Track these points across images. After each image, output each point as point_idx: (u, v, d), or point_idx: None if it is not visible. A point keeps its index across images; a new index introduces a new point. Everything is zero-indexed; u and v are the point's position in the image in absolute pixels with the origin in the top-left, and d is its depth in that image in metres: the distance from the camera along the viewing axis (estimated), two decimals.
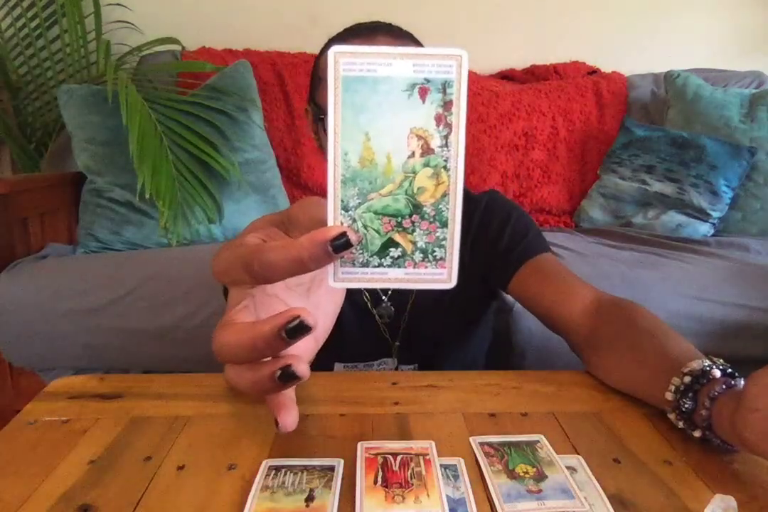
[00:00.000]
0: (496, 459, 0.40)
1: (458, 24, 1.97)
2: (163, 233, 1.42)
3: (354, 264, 0.27)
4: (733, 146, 1.65)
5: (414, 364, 0.77)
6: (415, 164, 0.27)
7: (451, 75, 0.26)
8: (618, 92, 1.90)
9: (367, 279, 0.28)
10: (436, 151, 0.27)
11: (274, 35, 1.89)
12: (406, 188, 0.27)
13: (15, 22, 1.73)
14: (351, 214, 0.27)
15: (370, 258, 0.27)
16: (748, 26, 2.05)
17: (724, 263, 1.34)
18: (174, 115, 1.47)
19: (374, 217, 0.27)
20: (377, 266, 0.28)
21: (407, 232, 0.27)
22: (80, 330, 1.22)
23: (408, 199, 0.27)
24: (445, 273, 0.28)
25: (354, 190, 0.27)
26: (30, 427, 0.45)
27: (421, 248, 0.27)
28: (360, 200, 0.27)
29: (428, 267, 0.28)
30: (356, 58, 0.26)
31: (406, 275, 0.28)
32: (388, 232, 0.27)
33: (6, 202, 1.31)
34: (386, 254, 0.27)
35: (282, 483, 0.37)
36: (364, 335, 0.74)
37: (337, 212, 0.27)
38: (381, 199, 0.27)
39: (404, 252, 0.27)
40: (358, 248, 0.27)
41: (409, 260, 0.28)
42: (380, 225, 0.27)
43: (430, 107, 0.26)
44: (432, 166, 0.27)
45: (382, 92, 0.26)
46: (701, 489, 0.38)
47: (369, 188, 0.27)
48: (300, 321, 0.25)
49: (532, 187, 1.83)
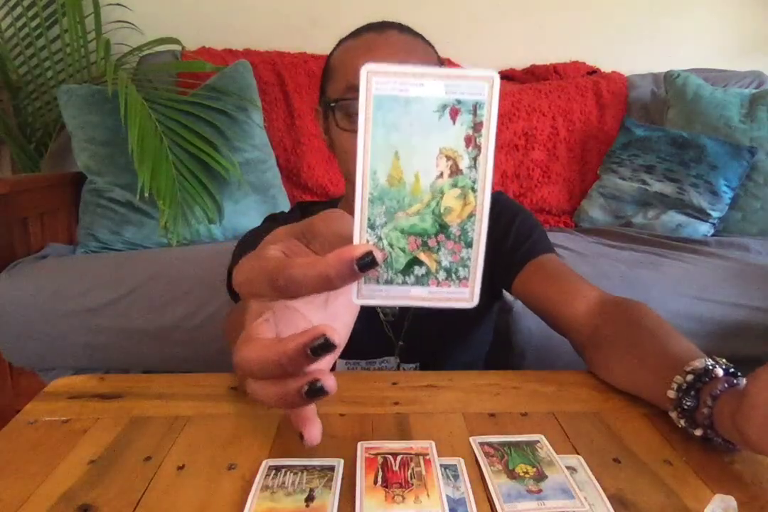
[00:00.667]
0: (496, 459, 0.40)
1: (458, 24, 1.96)
2: (163, 233, 1.42)
3: (378, 282, 0.28)
4: (733, 146, 1.65)
5: (416, 363, 0.77)
6: (443, 184, 0.27)
7: (482, 96, 0.26)
8: (618, 92, 1.90)
9: (391, 297, 0.28)
10: (465, 171, 0.27)
11: (274, 35, 1.89)
12: (433, 208, 0.27)
13: (15, 22, 1.73)
14: (377, 232, 0.27)
15: (395, 276, 0.28)
16: (748, 26, 2.05)
17: (724, 263, 1.34)
18: (174, 115, 1.47)
19: (400, 235, 0.27)
20: (401, 284, 0.28)
21: (432, 252, 0.27)
22: (80, 330, 1.22)
23: (435, 219, 0.27)
24: (468, 292, 0.28)
25: (381, 208, 0.27)
26: (30, 427, 0.45)
27: (445, 267, 0.28)
28: (387, 218, 0.27)
29: (451, 286, 0.28)
30: (389, 77, 0.26)
31: (429, 293, 0.28)
32: (414, 251, 0.27)
33: (6, 202, 1.31)
34: (410, 272, 0.28)
35: (282, 483, 0.37)
36: (368, 333, 0.74)
37: (364, 230, 0.27)
38: (408, 218, 0.27)
39: (428, 270, 0.28)
40: (383, 266, 0.27)
41: (432, 279, 0.28)
42: (406, 244, 0.27)
43: (461, 128, 0.26)
44: (460, 186, 0.27)
45: (413, 112, 0.26)
46: (701, 489, 0.38)
47: (396, 207, 0.27)
48: (325, 339, 0.26)
49: (532, 187, 1.83)
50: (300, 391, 0.27)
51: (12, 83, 1.74)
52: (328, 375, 0.27)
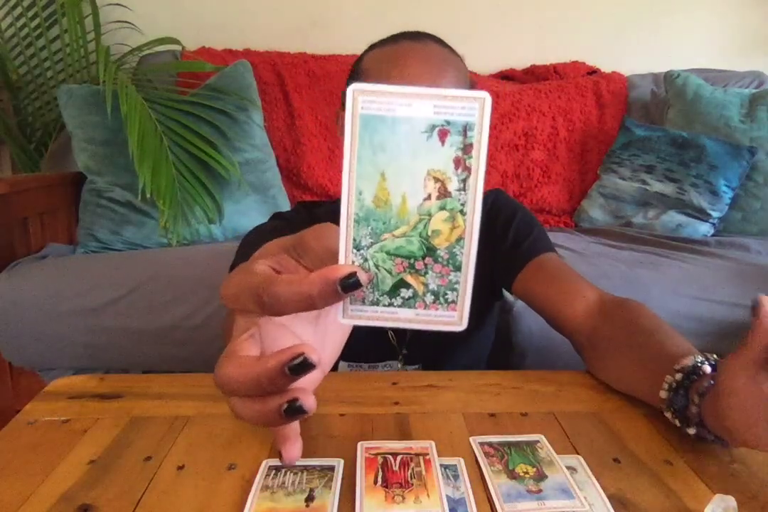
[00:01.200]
0: (496, 459, 0.40)
1: (458, 24, 1.96)
2: (163, 233, 1.42)
3: (364, 303, 0.27)
4: (733, 146, 1.65)
5: (417, 365, 0.77)
6: (431, 207, 0.26)
7: (472, 118, 0.25)
8: (618, 92, 1.90)
9: (377, 317, 0.28)
10: (453, 194, 0.26)
11: (274, 35, 1.89)
12: (420, 230, 0.27)
13: (15, 22, 1.73)
14: (363, 253, 0.27)
15: (381, 298, 0.27)
16: (748, 26, 2.05)
17: (724, 263, 1.34)
18: (174, 115, 1.47)
19: (387, 257, 0.27)
20: (387, 305, 0.27)
21: (419, 274, 0.27)
22: (80, 330, 1.22)
23: (422, 242, 0.27)
24: (456, 315, 0.28)
25: (367, 230, 0.27)
26: (30, 427, 0.45)
27: (432, 290, 0.27)
28: (373, 240, 0.27)
29: (439, 309, 0.27)
30: (376, 96, 0.25)
31: (416, 316, 0.28)
32: (400, 273, 0.27)
33: (6, 202, 1.31)
34: (397, 294, 0.27)
35: (282, 483, 0.37)
36: (372, 336, 0.74)
37: (349, 251, 0.27)
38: (394, 239, 0.27)
39: (415, 293, 0.27)
40: (369, 287, 0.27)
41: (420, 301, 0.27)
42: (392, 265, 0.27)
43: (450, 150, 0.26)
44: (448, 209, 0.26)
45: (401, 132, 0.26)
46: (701, 489, 0.38)
47: (383, 228, 0.27)
48: (303, 358, 0.25)
49: (532, 187, 1.83)
50: (279, 410, 0.26)
51: (12, 83, 1.74)
52: (307, 394, 0.27)
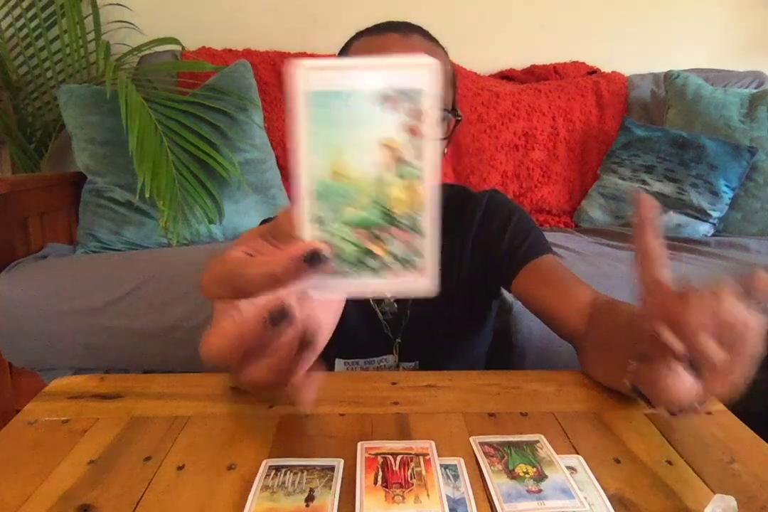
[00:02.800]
0: (496, 459, 0.40)
1: (458, 24, 1.96)
2: (163, 233, 1.42)
3: (334, 276, 0.28)
4: (733, 146, 1.65)
5: (415, 361, 0.77)
6: (389, 176, 0.26)
7: (422, 85, 0.26)
8: (618, 92, 1.90)
9: (349, 289, 0.28)
10: (409, 161, 0.26)
11: (274, 35, 1.89)
12: (380, 200, 0.27)
13: (15, 22, 1.73)
14: (326, 227, 0.27)
15: (349, 270, 0.28)
16: (748, 26, 2.05)
17: (724, 263, 1.34)
18: (174, 115, 1.46)
19: (350, 229, 0.27)
20: (357, 277, 0.28)
21: (385, 243, 0.27)
22: (80, 330, 1.22)
23: (383, 211, 0.27)
24: (426, 281, 0.28)
25: (327, 204, 0.27)
26: (30, 427, 0.45)
27: (399, 257, 0.27)
28: (335, 214, 0.27)
29: (408, 276, 0.28)
30: (324, 71, 0.26)
31: (388, 284, 0.28)
32: (365, 244, 0.27)
33: (6, 202, 1.31)
34: (365, 265, 0.28)
35: (282, 483, 0.37)
36: (366, 331, 0.75)
37: (309, 227, 0.27)
38: (355, 211, 0.27)
39: (383, 262, 0.27)
40: (337, 260, 0.27)
41: (388, 270, 0.28)
42: (356, 238, 0.27)
43: (402, 118, 0.26)
44: (405, 176, 0.26)
45: (352, 105, 0.26)
46: (701, 489, 0.38)
47: (343, 201, 0.27)
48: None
49: (532, 187, 1.83)
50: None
51: (12, 83, 1.74)
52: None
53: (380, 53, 0.64)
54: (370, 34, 0.68)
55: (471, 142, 1.80)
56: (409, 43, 0.65)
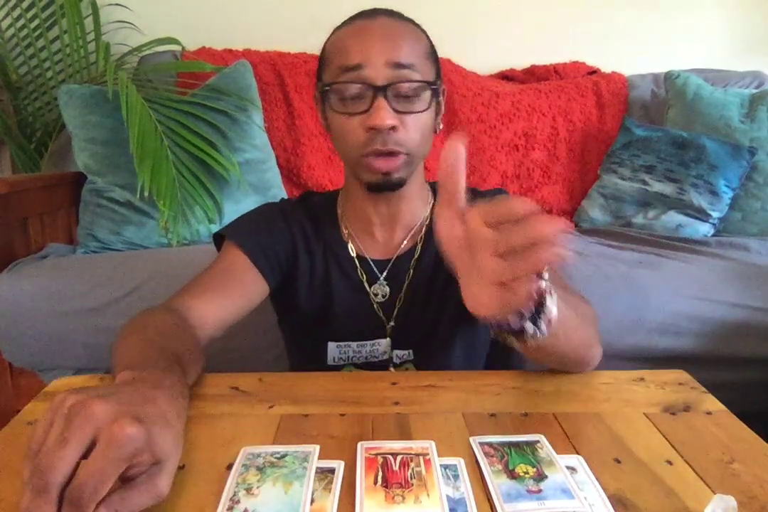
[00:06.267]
0: (496, 459, 0.40)
1: (458, 24, 1.96)
2: (163, 233, 1.42)
3: None
4: (733, 146, 1.65)
5: (408, 350, 0.77)
6: None
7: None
8: (618, 92, 1.89)
9: None
10: None
11: (274, 35, 1.89)
12: None
13: (15, 22, 1.73)
14: None
15: None
16: (748, 26, 2.05)
17: (724, 263, 1.34)
18: (174, 115, 1.46)
19: None
20: None
21: None
22: (80, 330, 1.22)
23: None
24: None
25: None
26: (30, 427, 0.45)
27: None
28: None
29: None
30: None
31: None
32: None
33: (6, 202, 1.31)
34: None
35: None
36: (358, 313, 0.75)
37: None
38: None
39: None
40: None
41: None
42: None
43: None
44: None
45: None
46: (701, 489, 0.38)
47: None
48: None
49: (532, 187, 1.83)
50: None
51: (12, 83, 1.74)
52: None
53: (353, 42, 0.66)
54: (340, 28, 0.71)
55: (471, 142, 1.80)
56: (376, 26, 0.67)
